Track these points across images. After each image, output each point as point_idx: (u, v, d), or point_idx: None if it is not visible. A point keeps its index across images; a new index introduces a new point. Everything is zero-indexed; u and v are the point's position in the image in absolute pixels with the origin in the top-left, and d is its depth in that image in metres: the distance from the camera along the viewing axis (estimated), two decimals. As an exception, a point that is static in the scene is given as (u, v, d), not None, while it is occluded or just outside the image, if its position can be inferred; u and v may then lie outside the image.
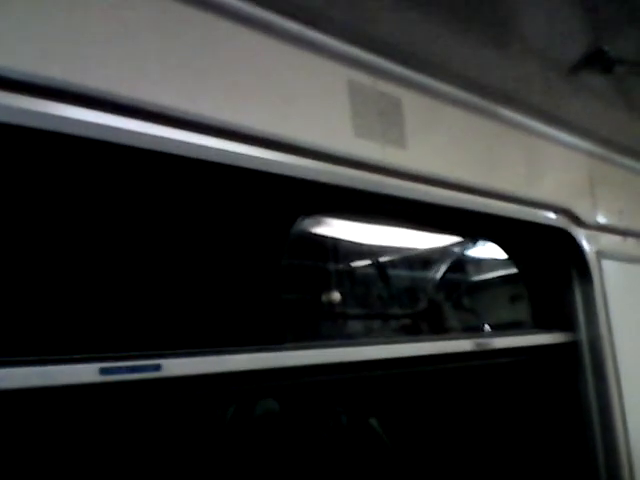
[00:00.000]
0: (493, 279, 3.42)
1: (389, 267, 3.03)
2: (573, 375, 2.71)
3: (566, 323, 2.73)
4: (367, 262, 2.93)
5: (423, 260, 3.30)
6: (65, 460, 1.42)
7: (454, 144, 2.24)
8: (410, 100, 2.08)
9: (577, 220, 2.71)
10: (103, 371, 1.32)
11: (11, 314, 1.28)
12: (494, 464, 2.77)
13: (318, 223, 2.45)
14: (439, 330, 3.00)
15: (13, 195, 1.32)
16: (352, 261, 2.84)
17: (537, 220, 2.58)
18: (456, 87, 2.25)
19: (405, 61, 2.03)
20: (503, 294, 3.21)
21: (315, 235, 2.45)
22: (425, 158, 2.10)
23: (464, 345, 2.26)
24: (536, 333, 2.69)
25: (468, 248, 3.43)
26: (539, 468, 2.71)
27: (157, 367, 1.41)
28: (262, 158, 1.63)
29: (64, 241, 1.41)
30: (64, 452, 1.42)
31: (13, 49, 1.23)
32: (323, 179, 1.77)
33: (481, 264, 3.49)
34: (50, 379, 1.27)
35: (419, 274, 3.32)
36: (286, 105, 1.69)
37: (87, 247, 1.44)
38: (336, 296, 2.46)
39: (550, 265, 2.81)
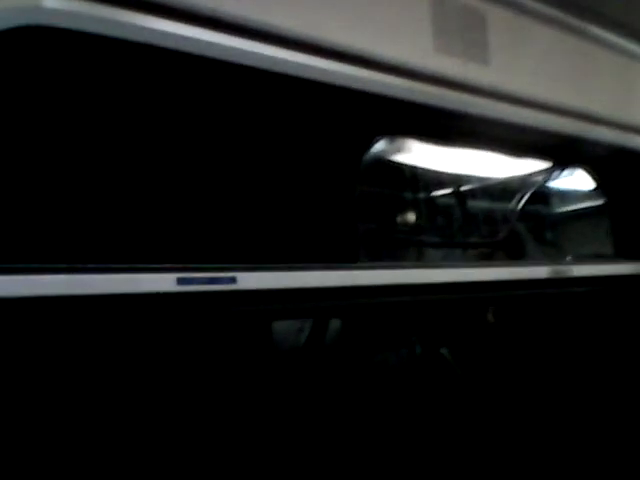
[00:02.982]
0: (577, 210, 3.31)
1: (469, 195, 2.96)
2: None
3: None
4: (446, 190, 2.88)
5: (505, 189, 3.22)
6: (144, 365, 1.49)
7: (542, 62, 2.14)
8: (495, 16, 1.98)
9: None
10: (180, 281, 1.36)
11: (95, 223, 1.33)
12: (565, 396, 2.74)
13: (396, 145, 2.40)
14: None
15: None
16: (430, 188, 2.79)
17: (629, 145, 2.47)
18: (545, 3, 2.12)
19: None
20: (588, 226, 3.11)
21: (392, 159, 2.40)
22: (510, 76, 2.01)
23: (541, 272, 2.20)
24: (618, 262, 2.60)
25: (553, 177, 3.32)
26: (613, 402, 2.67)
27: (233, 279, 1.44)
28: (336, 71, 1.59)
29: (147, 151, 1.43)
30: (144, 357, 1.48)
31: None
32: (400, 95, 1.72)
33: (566, 195, 3.38)
34: (131, 286, 1.31)
35: (500, 203, 3.25)
36: (364, 17, 1.63)
37: (167, 159, 1.46)
38: (411, 222, 2.44)
39: (640, 194, 2.70)
